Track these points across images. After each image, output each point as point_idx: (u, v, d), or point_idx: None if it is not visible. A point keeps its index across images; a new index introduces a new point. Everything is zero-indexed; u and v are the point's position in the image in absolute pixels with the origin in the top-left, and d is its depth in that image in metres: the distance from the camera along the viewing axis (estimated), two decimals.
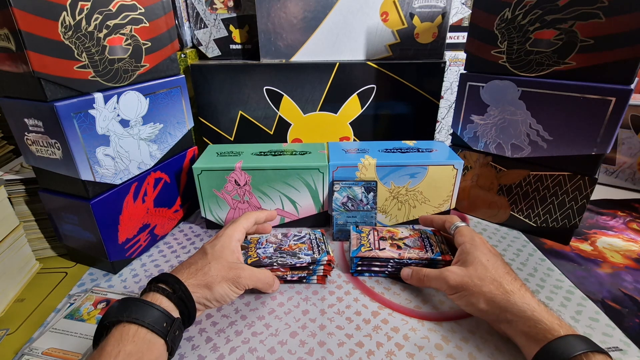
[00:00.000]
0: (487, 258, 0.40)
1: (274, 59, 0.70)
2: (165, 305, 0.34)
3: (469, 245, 0.42)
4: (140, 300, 0.33)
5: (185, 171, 0.63)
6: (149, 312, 0.32)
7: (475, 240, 0.43)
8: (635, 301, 0.46)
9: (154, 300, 0.34)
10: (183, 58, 0.70)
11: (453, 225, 0.48)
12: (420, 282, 0.45)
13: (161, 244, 0.58)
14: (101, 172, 0.46)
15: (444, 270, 0.42)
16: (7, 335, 0.42)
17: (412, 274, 0.46)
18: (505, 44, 0.52)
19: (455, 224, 0.48)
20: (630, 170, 0.75)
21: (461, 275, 0.40)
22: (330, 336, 0.41)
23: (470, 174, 0.63)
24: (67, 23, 0.40)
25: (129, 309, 0.32)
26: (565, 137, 0.51)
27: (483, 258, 0.40)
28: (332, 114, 0.72)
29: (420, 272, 0.44)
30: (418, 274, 0.45)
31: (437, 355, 0.38)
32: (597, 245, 0.57)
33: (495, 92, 0.55)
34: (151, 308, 0.33)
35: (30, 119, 0.42)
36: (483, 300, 0.38)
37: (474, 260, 0.40)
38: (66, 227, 0.50)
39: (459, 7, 0.77)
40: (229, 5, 0.71)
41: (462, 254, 0.42)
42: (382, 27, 0.68)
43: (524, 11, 0.49)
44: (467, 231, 0.45)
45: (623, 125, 0.72)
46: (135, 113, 0.50)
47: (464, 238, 0.44)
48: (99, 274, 0.52)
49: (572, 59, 0.48)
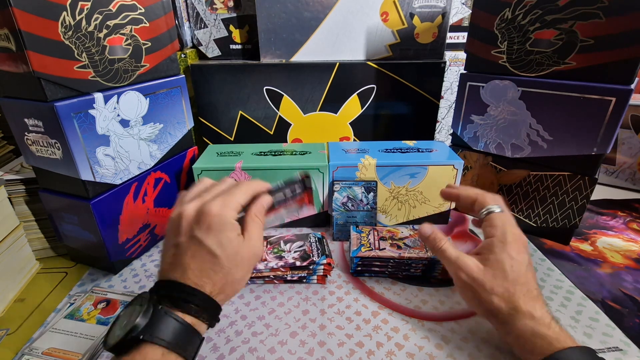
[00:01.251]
0: (511, 263, 0.35)
1: (274, 59, 0.70)
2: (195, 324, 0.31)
3: (497, 242, 0.36)
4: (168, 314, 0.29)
5: (185, 171, 0.63)
6: (179, 333, 0.29)
7: (506, 237, 0.37)
8: (635, 301, 0.46)
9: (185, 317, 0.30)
10: (183, 58, 0.70)
11: (485, 209, 0.40)
12: (434, 250, 0.40)
13: (161, 244, 0.58)
14: (101, 172, 0.46)
15: (461, 258, 0.37)
16: (7, 335, 0.42)
17: (431, 236, 0.40)
18: (505, 44, 0.52)
19: (487, 208, 0.40)
20: (630, 170, 0.75)
21: (476, 273, 0.36)
22: (330, 336, 0.41)
23: (470, 174, 0.63)
24: (67, 23, 0.40)
25: (156, 326, 0.28)
26: (565, 137, 0.51)
27: (507, 263, 0.35)
28: (332, 114, 0.72)
29: (440, 242, 0.39)
30: (436, 242, 0.39)
31: (437, 355, 0.38)
32: (597, 245, 0.57)
33: (495, 92, 0.55)
34: (181, 327, 0.29)
35: (30, 119, 0.42)
36: (485, 310, 0.36)
37: (496, 262, 0.35)
38: (66, 227, 0.50)
39: (459, 7, 0.77)
40: (229, 5, 0.71)
41: (486, 250, 0.37)
42: (382, 27, 0.68)
43: (524, 11, 0.49)
44: (500, 221, 0.38)
45: (623, 125, 0.72)
46: (135, 113, 0.50)
47: (494, 230, 0.38)
48: (99, 274, 0.52)
49: (572, 59, 0.48)
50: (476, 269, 0.36)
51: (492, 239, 0.37)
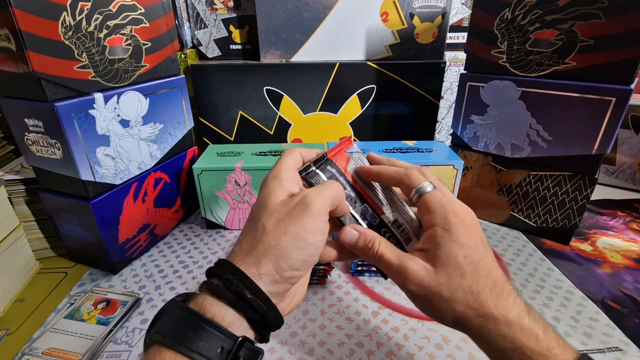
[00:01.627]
0: (464, 253, 0.27)
1: (274, 59, 0.70)
2: (218, 317, 0.23)
3: (441, 230, 0.28)
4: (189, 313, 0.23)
5: (185, 171, 0.63)
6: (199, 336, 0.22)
7: (449, 221, 0.28)
8: (635, 301, 0.46)
9: (205, 311, 0.23)
10: (183, 58, 0.70)
11: (414, 191, 0.30)
12: (369, 258, 0.30)
13: (161, 244, 0.58)
14: (101, 172, 0.46)
15: (403, 263, 0.28)
16: (7, 335, 0.42)
17: (359, 242, 0.29)
18: (505, 44, 0.52)
19: (417, 189, 0.30)
20: (630, 170, 0.75)
21: (425, 279, 0.27)
22: (330, 336, 0.41)
23: (470, 174, 0.63)
24: (68, 23, 0.40)
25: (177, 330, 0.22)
26: (565, 137, 0.51)
27: (459, 254, 0.27)
28: (332, 114, 0.72)
29: (373, 245, 0.29)
30: (367, 247, 0.29)
31: (437, 355, 0.38)
32: (597, 245, 0.57)
33: (495, 92, 0.55)
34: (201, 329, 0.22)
35: (31, 119, 0.42)
36: (451, 322, 0.28)
37: (446, 258, 0.27)
38: (66, 227, 0.50)
39: (459, 7, 0.77)
40: (229, 6, 0.71)
41: (432, 245, 0.28)
42: (382, 27, 0.68)
43: (524, 11, 0.49)
44: (437, 203, 0.29)
45: (623, 125, 0.72)
46: (136, 113, 0.50)
47: (433, 217, 0.28)
48: (99, 274, 0.52)
49: (572, 59, 0.48)
50: (424, 273, 0.27)
51: (434, 229, 0.28)
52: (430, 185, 0.30)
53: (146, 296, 0.47)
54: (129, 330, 0.42)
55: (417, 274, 0.27)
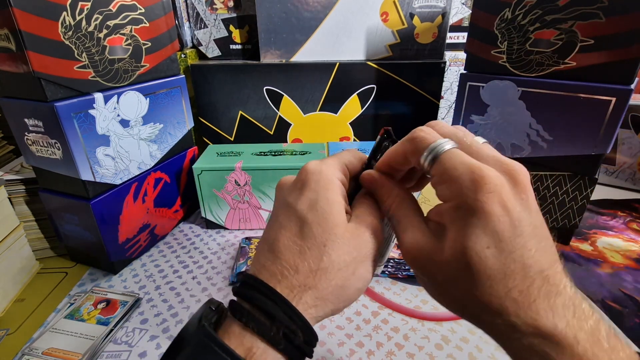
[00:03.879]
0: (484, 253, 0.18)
1: (274, 59, 0.70)
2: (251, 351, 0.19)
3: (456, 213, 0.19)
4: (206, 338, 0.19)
5: (185, 171, 0.63)
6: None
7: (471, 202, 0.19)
8: (635, 301, 0.46)
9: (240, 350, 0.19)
10: (183, 58, 0.70)
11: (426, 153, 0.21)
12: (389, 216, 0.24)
13: (161, 244, 0.58)
14: (101, 172, 0.46)
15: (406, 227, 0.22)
16: (7, 335, 0.42)
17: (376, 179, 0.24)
18: (505, 44, 0.52)
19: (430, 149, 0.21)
20: (630, 170, 0.75)
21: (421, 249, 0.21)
22: (330, 336, 0.41)
23: None
24: (67, 23, 0.40)
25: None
26: (565, 137, 0.51)
27: (478, 245, 0.18)
28: (332, 114, 0.72)
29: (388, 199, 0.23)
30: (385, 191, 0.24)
31: (437, 355, 0.38)
32: (597, 245, 0.57)
33: (495, 92, 0.55)
34: None
35: (30, 119, 0.42)
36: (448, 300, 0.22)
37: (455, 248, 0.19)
38: (66, 227, 0.50)
39: (459, 7, 0.77)
40: (229, 5, 0.71)
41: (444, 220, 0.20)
42: (382, 27, 0.68)
43: (524, 11, 0.49)
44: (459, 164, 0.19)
45: (623, 125, 0.72)
46: (135, 113, 0.50)
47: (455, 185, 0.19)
48: (99, 274, 0.52)
49: (572, 59, 0.48)
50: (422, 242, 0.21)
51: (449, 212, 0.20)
52: (448, 142, 0.21)
53: (146, 296, 0.47)
54: (129, 330, 0.42)
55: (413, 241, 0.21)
